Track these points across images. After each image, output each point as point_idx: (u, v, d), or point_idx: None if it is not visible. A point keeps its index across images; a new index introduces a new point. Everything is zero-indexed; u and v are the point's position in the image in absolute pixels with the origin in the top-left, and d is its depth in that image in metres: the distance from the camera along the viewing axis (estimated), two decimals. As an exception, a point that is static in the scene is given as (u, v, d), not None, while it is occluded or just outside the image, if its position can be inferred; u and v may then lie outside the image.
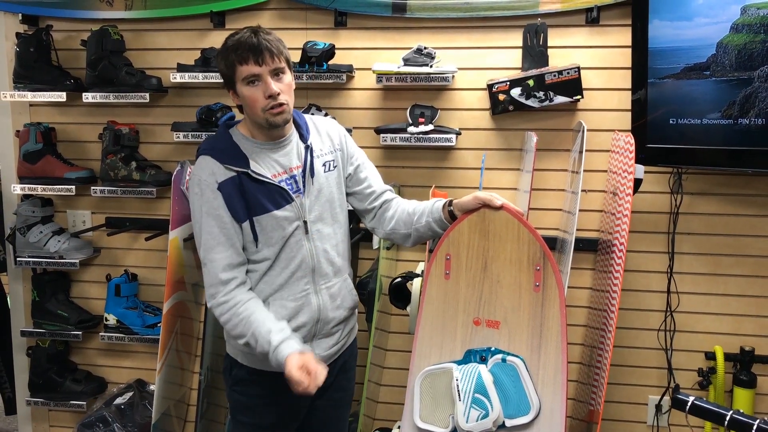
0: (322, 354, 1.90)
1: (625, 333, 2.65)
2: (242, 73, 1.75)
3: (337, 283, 1.93)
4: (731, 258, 2.56)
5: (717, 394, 2.53)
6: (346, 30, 2.69)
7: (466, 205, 1.88)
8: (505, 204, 1.86)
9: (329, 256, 1.89)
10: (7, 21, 2.90)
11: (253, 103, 1.77)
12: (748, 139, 2.22)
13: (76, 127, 2.94)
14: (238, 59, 1.75)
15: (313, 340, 1.89)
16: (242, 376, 1.91)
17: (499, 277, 1.90)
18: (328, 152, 1.93)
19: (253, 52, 1.73)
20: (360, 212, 2.04)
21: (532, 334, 1.87)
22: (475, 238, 1.89)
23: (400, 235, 1.98)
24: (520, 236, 1.86)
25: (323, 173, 1.89)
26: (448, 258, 1.93)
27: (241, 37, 1.76)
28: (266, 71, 1.75)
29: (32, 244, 2.85)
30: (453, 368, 1.87)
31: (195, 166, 1.84)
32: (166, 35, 2.83)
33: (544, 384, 1.84)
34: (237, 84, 1.78)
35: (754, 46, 2.16)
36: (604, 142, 2.55)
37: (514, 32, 2.56)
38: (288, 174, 1.84)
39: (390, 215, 1.99)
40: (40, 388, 2.97)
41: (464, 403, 1.81)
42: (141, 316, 2.85)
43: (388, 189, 2.04)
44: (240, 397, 1.93)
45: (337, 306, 1.92)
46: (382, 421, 2.82)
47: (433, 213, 1.92)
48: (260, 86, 1.76)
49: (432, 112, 2.57)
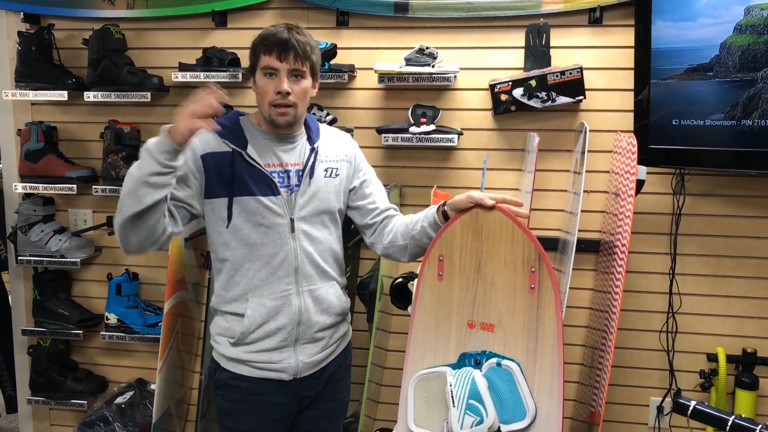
0: (307, 360, 1.87)
1: (627, 334, 2.64)
2: (263, 62, 1.78)
3: (323, 287, 1.89)
4: (734, 259, 2.56)
5: (719, 396, 2.52)
6: (348, 30, 2.69)
7: (459, 204, 1.84)
8: (498, 204, 1.80)
9: (314, 258, 1.86)
10: (8, 20, 2.90)
11: (263, 93, 1.79)
12: (752, 140, 2.21)
13: (77, 126, 2.94)
14: (263, 48, 1.77)
15: (296, 344, 1.86)
16: (224, 380, 1.88)
17: (493, 279, 1.85)
18: (334, 160, 1.92)
19: (279, 46, 1.75)
20: (361, 228, 2.02)
21: (528, 338, 1.82)
22: (468, 239, 1.85)
23: (397, 247, 1.94)
24: (514, 237, 1.81)
25: (323, 177, 1.88)
26: (440, 259, 1.88)
27: (275, 29, 1.78)
28: (285, 69, 1.76)
29: (33, 242, 2.85)
30: (447, 372, 1.83)
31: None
32: (168, 34, 2.82)
33: (540, 388, 1.80)
34: (257, 71, 1.80)
35: (757, 47, 2.15)
36: (607, 143, 2.55)
37: (517, 32, 2.55)
38: (282, 168, 1.83)
39: (389, 230, 1.96)
40: (41, 387, 2.97)
41: (458, 409, 1.77)
42: (142, 316, 2.85)
43: (392, 207, 2.02)
44: (222, 401, 1.90)
45: (322, 310, 1.88)
46: (382, 421, 2.82)
47: (428, 217, 1.89)
48: (274, 80, 1.77)
49: (434, 112, 2.56)
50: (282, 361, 1.85)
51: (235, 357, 1.85)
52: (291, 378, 1.86)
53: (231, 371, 1.86)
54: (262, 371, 1.85)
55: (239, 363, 1.85)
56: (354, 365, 2.74)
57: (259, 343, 1.84)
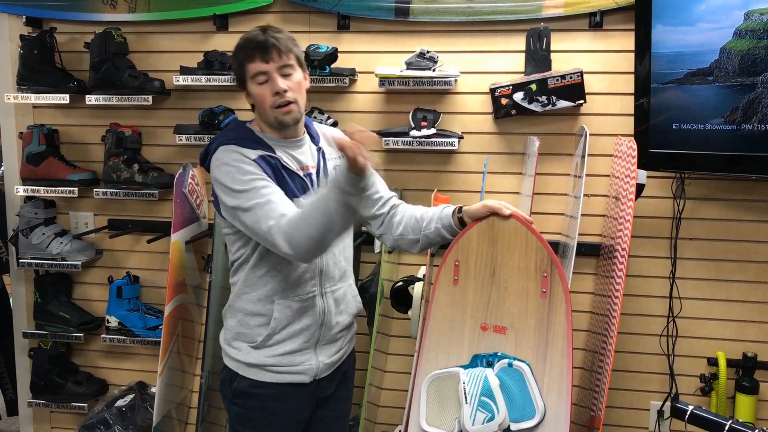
0: (326, 361, 1.89)
1: (627, 338, 2.64)
2: (251, 70, 1.76)
3: (342, 288, 1.92)
4: (734, 263, 2.56)
5: (719, 400, 2.52)
6: (349, 33, 2.69)
7: (476, 213, 1.89)
8: (515, 212, 1.87)
9: (337, 259, 1.89)
10: (11, 23, 2.91)
11: (263, 100, 1.77)
12: (752, 144, 2.22)
13: (79, 129, 2.95)
14: (246, 57, 1.76)
15: (317, 346, 1.87)
16: (243, 388, 1.86)
17: (506, 284, 1.91)
18: (336, 157, 1.92)
19: (260, 49, 1.74)
20: (367, 219, 2.02)
21: (539, 340, 1.88)
22: (483, 245, 1.91)
23: (407, 241, 1.95)
24: (528, 244, 1.87)
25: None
26: (456, 264, 1.94)
27: (249, 35, 1.78)
28: (274, 68, 1.75)
29: (35, 245, 2.85)
30: (460, 372, 1.88)
31: (216, 157, 1.77)
32: (169, 38, 2.83)
33: (550, 389, 1.85)
34: (248, 83, 1.78)
35: (757, 52, 2.16)
36: (607, 147, 2.55)
37: (517, 36, 2.56)
38: (305, 170, 1.84)
39: (397, 221, 1.96)
40: (42, 390, 2.97)
41: (470, 405, 1.83)
42: (142, 319, 2.85)
43: (393, 195, 2.04)
44: (240, 409, 1.89)
45: (341, 311, 1.91)
46: (382, 425, 2.82)
47: (443, 219, 1.91)
48: (269, 84, 1.76)
49: (434, 116, 2.57)
50: (303, 363, 1.85)
51: (257, 363, 1.83)
52: (311, 380, 1.87)
53: (252, 379, 1.85)
54: (284, 375, 1.84)
55: (261, 369, 1.84)
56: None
57: (281, 345, 1.83)
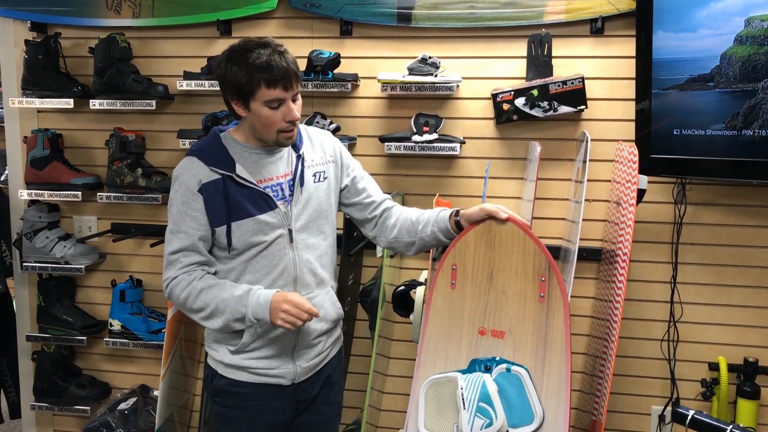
0: (304, 365, 1.90)
1: (628, 343, 2.65)
2: (266, 95, 1.72)
3: (319, 295, 1.90)
4: (735, 268, 2.56)
5: (720, 405, 2.52)
6: (352, 39, 2.71)
7: (473, 216, 1.89)
8: (512, 216, 1.87)
9: (312, 266, 1.88)
10: (16, 28, 2.92)
11: (271, 124, 1.76)
12: (752, 150, 2.22)
13: (83, 134, 2.97)
14: (266, 82, 1.71)
15: (293, 351, 1.88)
16: (222, 386, 1.89)
17: (504, 288, 1.91)
18: (320, 163, 1.92)
19: (284, 78, 1.71)
20: (360, 222, 2.03)
21: (537, 345, 1.88)
22: (481, 249, 1.91)
23: (403, 243, 1.97)
24: (525, 247, 1.87)
25: (313, 183, 1.88)
26: (454, 268, 1.94)
27: (268, 58, 1.70)
28: (290, 96, 1.75)
29: (38, 249, 2.87)
30: (458, 377, 1.88)
31: (179, 165, 1.83)
32: (173, 43, 2.85)
33: (548, 394, 1.85)
34: (253, 101, 1.75)
35: (758, 58, 2.17)
36: (608, 152, 2.56)
37: (519, 42, 2.57)
38: (274, 181, 1.84)
39: (392, 223, 1.98)
40: (45, 393, 2.98)
41: (468, 411, 1.82)
42: (145, 322, 2.86)
43: (387, 198, 2.04)
44: (220, 408, 1.91)
45: (318, 318, 1.87)
46: (384, 429, 2.82)
47: (439, 222, 1.91)
48: (282, 110, 1.75)
49: (436, 121, 2.58)
50: (280, 367, 1.87)
51: (234, 363, 1.86)
52: (289, 383, 1.88)
53: (229, 378, 1.87)
54: (261, 377, 1.86)
55: (238, 369, 1.86)
56: (356, 372, 2.76)
57: (258, 351, 1.85)
